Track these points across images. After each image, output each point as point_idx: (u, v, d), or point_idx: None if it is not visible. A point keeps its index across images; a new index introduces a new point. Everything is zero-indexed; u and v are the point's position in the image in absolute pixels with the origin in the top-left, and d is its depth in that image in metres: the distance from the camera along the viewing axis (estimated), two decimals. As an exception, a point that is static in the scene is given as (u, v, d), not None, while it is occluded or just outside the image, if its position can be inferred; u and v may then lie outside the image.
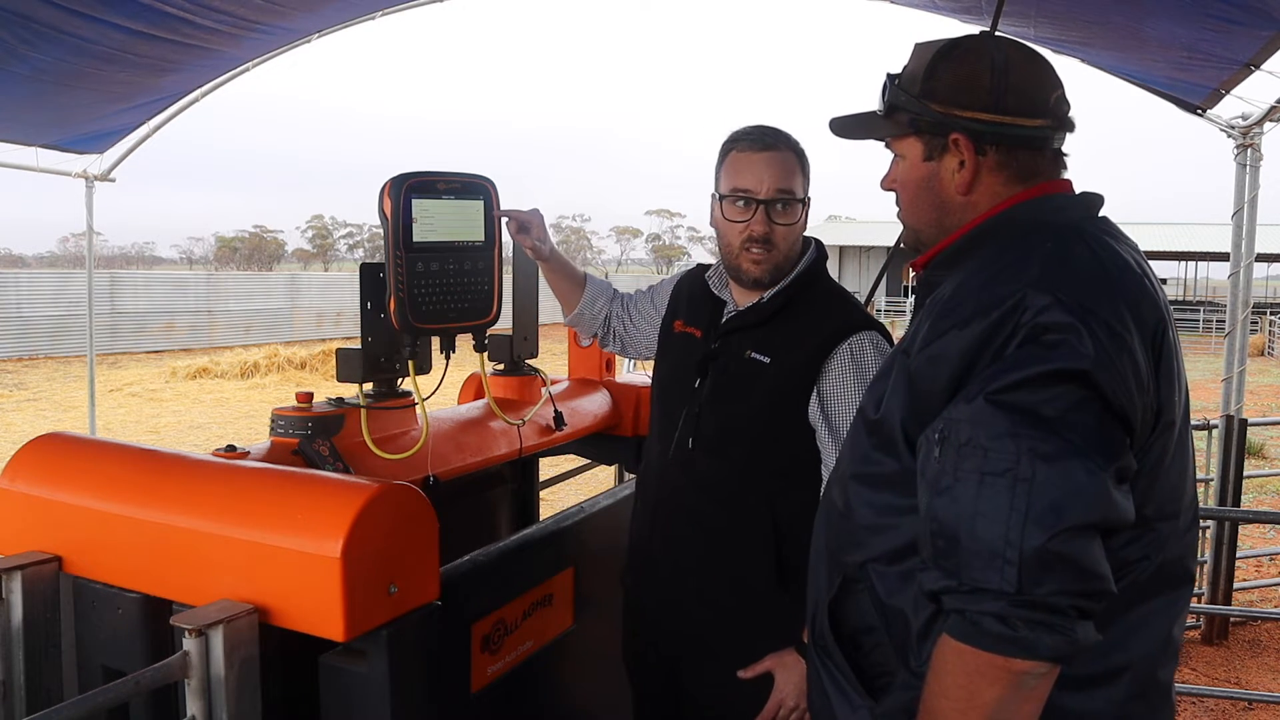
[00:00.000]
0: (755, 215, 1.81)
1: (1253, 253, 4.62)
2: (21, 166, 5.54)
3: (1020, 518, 1.01)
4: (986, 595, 1.02)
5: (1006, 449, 1.03)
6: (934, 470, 1.08)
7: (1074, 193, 1.28)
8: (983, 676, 1.04)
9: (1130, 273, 1.15)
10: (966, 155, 1.25)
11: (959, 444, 1.06)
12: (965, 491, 1.05)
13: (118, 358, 19.67)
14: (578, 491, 6.23)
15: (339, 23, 4.87)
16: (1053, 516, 1.00)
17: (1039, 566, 0.99)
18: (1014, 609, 1.00)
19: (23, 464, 1.69)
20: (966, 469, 1.05)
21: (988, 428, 1.04)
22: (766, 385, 1.81)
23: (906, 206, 1.35)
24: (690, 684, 1.93)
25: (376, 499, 1.41)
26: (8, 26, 3.54)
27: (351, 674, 1.46)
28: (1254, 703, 3.97)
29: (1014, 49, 1.27)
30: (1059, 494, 1.00)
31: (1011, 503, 1.01)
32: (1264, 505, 7.58)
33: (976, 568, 1.02)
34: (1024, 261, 1.13)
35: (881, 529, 1.22)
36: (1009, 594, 1.00)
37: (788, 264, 1.86)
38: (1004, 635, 1.01)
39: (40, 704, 1.57)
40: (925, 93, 1.27)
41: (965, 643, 1.04)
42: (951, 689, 1.07)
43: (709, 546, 1.86)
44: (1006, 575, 1.01)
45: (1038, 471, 1.01)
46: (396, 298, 1.81)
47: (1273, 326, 23.50)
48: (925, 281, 1.32)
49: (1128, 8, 3.50)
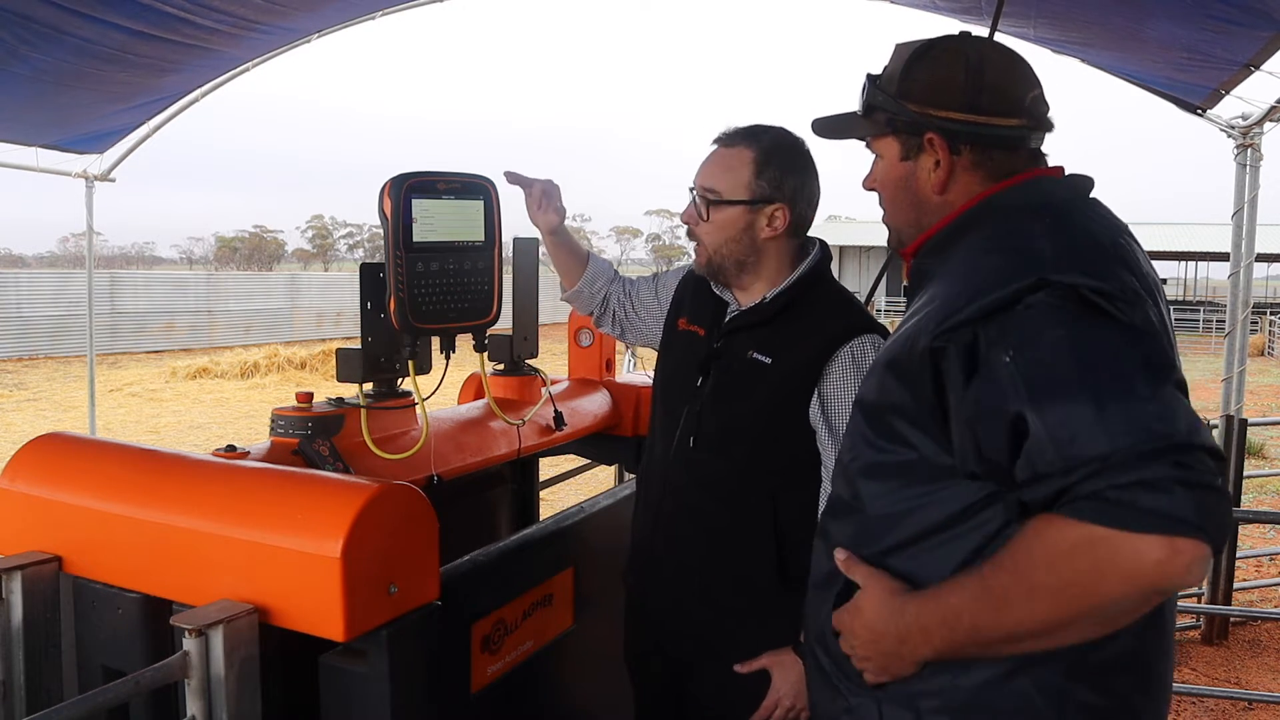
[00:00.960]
0: (687, 207, 1.86)
1: (1253, 253, 4.62)
2: (21, 166, 5.54)
3: (1141, 373, 0.95)
4: (1137, 463, 0.89)
5: (1086, 333, 0.99)
6: (1019, 381, 0.99)
7: (1064, 176, 1.28)
8: (1120, 571, 0.91)
9: (1124, 248, 1.15)
10: (941, 155, 1.25)
11: (1037, 346, 1.00)
12: (1070, 376, 0.96)
13: (118, 358, 19.67)
14: (578, 491, 6.23)
15: (339, 23, 4.88)
16: (1163, 368, 0.97)
17: (1181, 410, 0.93)
18: (1173, 470, 0.89)
19: (23, 464, 1.69)
20: (1063, 360, 0.98)
21: (1061, 322, 1.01)
22: (768, 385, 1.81)
23: (886, 206, 1.36)
24: (693, 684, 1.93)
25: (376, 499, 1.41)
26: (8, 26, 3.54)
27: (351, 674, 1.46)
28: (1254, 703, 3.97)
29: (990, 49, 1.28)
30: (1152, 352, 0.98)
31: (1124, 367, 0.95)
32: (1264, 505, 7.58)
33: (1122, 435, 0.91)
34: (1030, 239, 1.12)
35: (902, 516, 1.18)
36: (1167, 448, 0.89)
37: (730, 261, 1.84)
38: (1164, 509, 0.88)
39: (40, 704, 1.56)
40: (902, 92, 1.27)
41: (1109, 525, 0.90)
42: (1054, 583, 0.95)
43: (711, 545, 1.86)
44: (1159, 427, 0.90)
45: (1121, 342, 0.98)
46: (396, 298, 1.81)
47: (1273, 326, 23.50)
48: (917, 270, 1.32)
49: (1128, 8, 3.50)
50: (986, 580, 1.03)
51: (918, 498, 1.16)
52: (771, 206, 1.81)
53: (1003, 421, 1.02)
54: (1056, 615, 0.98)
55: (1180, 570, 0.90)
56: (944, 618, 1.08)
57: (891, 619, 1.14)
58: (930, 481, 1.15)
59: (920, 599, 1.13)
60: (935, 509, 1.14)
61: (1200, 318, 28.66)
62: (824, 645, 1.29)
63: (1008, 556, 1.01)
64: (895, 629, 1.13)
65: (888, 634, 1.14)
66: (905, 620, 1.12)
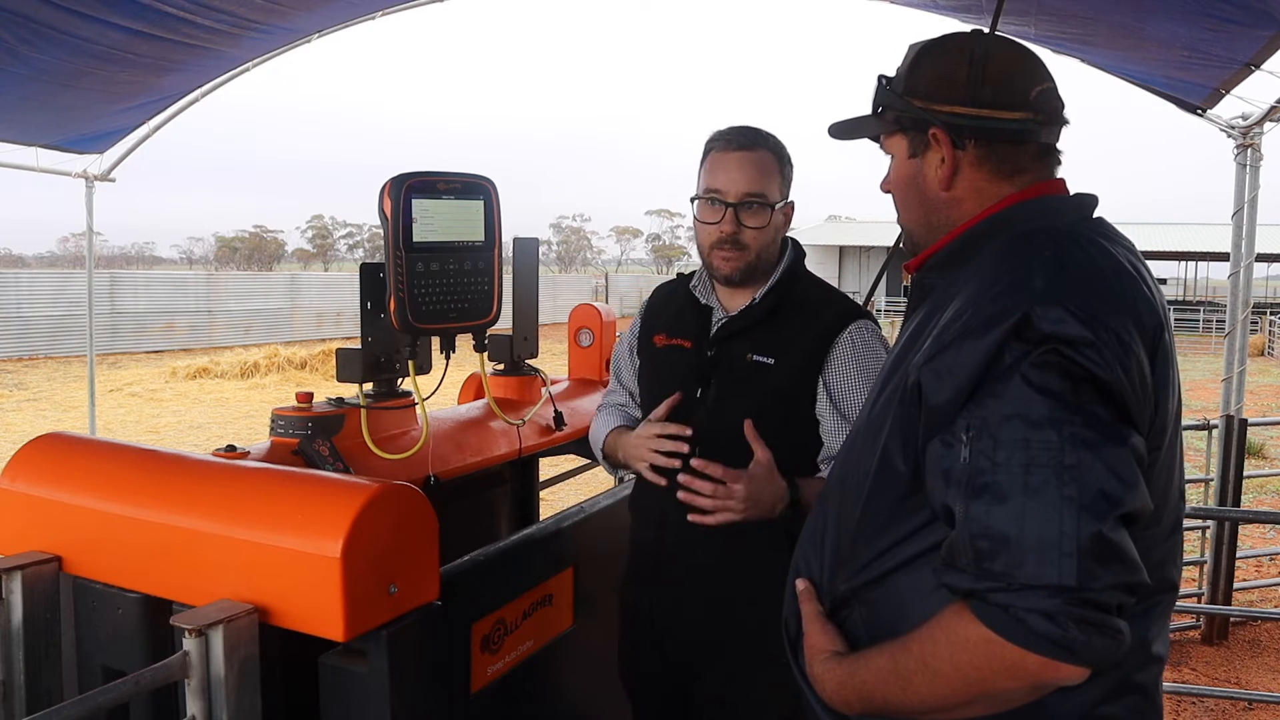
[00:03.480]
0: (725, 217, 1.81)
1: (1253, 253, 4.62)
2: (21, 166, 5.54)
3: (1074, 507, 0.97)
4: (1039, 592, 0.96)
5: (1049, 436, 0.99)
6: (964, 470, 1.04)
7: (1068, 194, 1.27)
8: (1007, 673, 1.00)
9: (1128, 276, 1.13)
10: (945, 150, 1.24)
11: (994, 438, 1.02)
12: (1010, 484, 1.00)
13: (118, 358, 19.67)
14: (578, 491, 6.23)
15: (339, 23, 4.87)
16: (1104, 504, 0.97)
17: (1097, 557, 0.96)
18: (1069, 607, 0.96)
19: (23, 464, 1.69)
20: (1008, 462, 1.01)
21: (1026, 416, 1.01)
22: (773, 385, 1.81)
23: (899, 207, 1.35)
24: (700, 692, 1.91)
25: (376, 499, 1.41)
26: (8, 26, 3.54)
27: (351, 674, 1.46)
28: (1254, 703, 3.97)
29: (997, 44, 1.26)
30: (1105, 481, 0.98)
31: (1061, 492, 0.98)
32: (1264, 505, 7.58)
33: (1030, 564, 0.97)
34: (1027, 270, 1.11)
35: (885, 547, 1.19)
36: (1069, 588, 0.95)
37: (763, 264, 1.86)
38: (1052, 636, 0.96)
39: (40, 704, 1.56)
40: (908, 89, 1.27)
41: (1002, 635, 0.98)
42: (951, 671, 1.04)
43: (724, 551, 1.83)
44: (1065, 568, 0.96)
45: (1083, 458, 0.98)
46: (396, 298, 1.81)
47: (1273, 326, 23.49)
48: (919, 284, 1.31)
49: (1128, 7, 3.50)
50: (896, 661, 1.11)
51: (906, 523, 1.18)
52: (788, 206, 1.90)
53: (938, 484, 1.08)
54: (955, 698, 1.06)
55: (1057, 682, 1.00)
56: (860, 692, 1.16)
57: (821, 676, 1.22)
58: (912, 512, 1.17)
59: (839, 669, 1.19)
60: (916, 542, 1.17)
61: (1200, 318, 28.64)
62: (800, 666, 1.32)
63: (916, 642, 1.09)
64: (825, 686, 1.21)
65: (822, 685, 1.23)
66: (829, 684, 1.20)
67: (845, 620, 1.24)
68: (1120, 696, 1.15)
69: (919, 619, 1.10)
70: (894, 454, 1.17)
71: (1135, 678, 1.16)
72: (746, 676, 1.86)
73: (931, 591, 1.11)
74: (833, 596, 1.26)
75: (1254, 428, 6.48)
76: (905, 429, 1.16)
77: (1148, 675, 1.18)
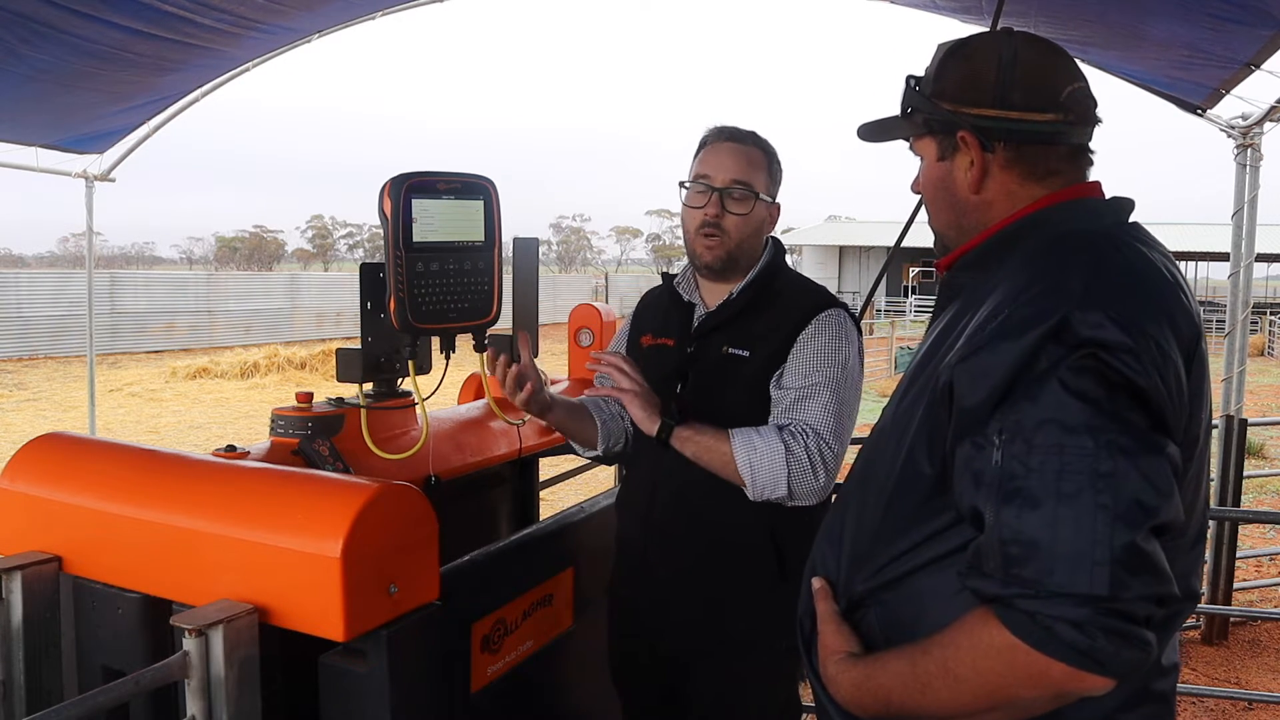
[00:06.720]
0: (710, 200, 1.85)
1: (1253, 253, 4.61)
2: (21, 166, 5.54)
3: (1108, 515, 0.95)
4: (1068, 600, 0.95)
5: (1084, 443, 0.98)
6: (996, 474, 1.02)
7: (1104, 197, 1.25)
8: (1031, 681, 0.98)
9: (1166, 284, 1.12)
10: (975, 153, 1.23)
11: (1028, 442, 1.00)
12: (1043, 490, 0.98)
13: (118, 358, 19.67)
14: (578, 491, 6.23)
15: (339, 23, 4.87)
16: (1139, 513, 0.96)
17: (1129, 567, 0.94)
18: (1098, 616, 0.94)
19: (23, 464, 1.69)
20: (1041, 467, 0.99)
21: (1062, 421, 0.99)
22: (747, 378, 1.84)
23: (929, 209, 1.34)
24: (691, 686, 1.92)
25: (376, 499, 1.41)
26: (8, 26, 3.54)
27: (351, 674, 1.46)
28: (1254, 703, 3.97)
29: (1026, 43, 1.24)
30: (1140, 490, 0.96)
31: (1096, 500, 0.96)
32: (1264, 505, 7.58)
33: (1061, 572, 0.95)
34: (1065, 273, 1.09)
35: (906, 548, 1.18)
36: (1099, 598, 0.94)
37: (744, 256, 1.89)
38: (1080, 645, 0.94)
39: (40, 704, 1.57)
40: (936, 92, 1.25)
41: (1028, 642, 0.97)
42: (973, 677, 1.02)
43: (709, 544, 1.86)
44: (1097, 577, 0.94)
45: (1119, 466, 0.97)
46: (396, 298, 1.81)
47: (1273, 326, 23.47)
48: (948, 283, 1.30)
49: (1128, 7, 3.50)
50: (916, 665, 1.08)
51: (929, 524, 1.16)
52: (774, 206, 1.93)
53: (968, 487, 1.06)
54: (975, 705, 1.04)
55: (1081, 692, 0.98)
56: (876, 695, 1.13)
57: (836, 677, 1.20)
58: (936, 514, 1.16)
59: (855, 671, 1.17)
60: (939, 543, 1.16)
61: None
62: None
63: (937, 646, 1.06)
64: (840, 688, 1.19)
65: (836, 687, 1.20)
66: (844, 686, 1.18)
67: (861, 621, 1.23)
68: (1139, 705, 1.14)
69: (938, 622, 1.08)
70: (919, 455, 1.16)
71: (1153, 686, 1.16)
72: (735, 671, 1.87)
73: (952, 595, 1.09)
74: (849, 596, 1.25)
75: (1254, 428, 6.49)
76: (933, 430, 1.14)
77: (1166, 683, 1.18)
